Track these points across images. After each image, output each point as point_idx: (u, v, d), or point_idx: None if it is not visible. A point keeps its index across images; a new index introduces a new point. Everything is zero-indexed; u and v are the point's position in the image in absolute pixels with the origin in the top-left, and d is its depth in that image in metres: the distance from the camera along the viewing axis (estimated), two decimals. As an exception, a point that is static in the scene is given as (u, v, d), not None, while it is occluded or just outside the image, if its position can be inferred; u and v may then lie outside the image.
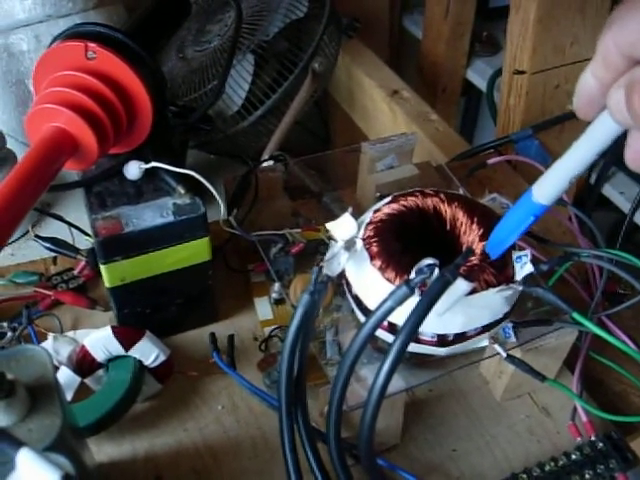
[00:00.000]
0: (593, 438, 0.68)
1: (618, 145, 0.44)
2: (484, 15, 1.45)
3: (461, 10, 1.36)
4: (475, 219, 0.65)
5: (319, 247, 0.76)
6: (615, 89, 0.38)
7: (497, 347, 0.64)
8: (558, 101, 1.07)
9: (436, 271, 0.54)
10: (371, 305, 0.62)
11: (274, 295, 0.79)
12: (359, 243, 0.62)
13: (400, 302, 0.53)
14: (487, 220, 0.64)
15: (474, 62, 1.45)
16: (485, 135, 1.62)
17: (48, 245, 0.80)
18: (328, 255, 0.61)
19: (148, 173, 0.69)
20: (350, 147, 0.85)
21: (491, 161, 0.95)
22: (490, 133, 1.24)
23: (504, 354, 0.64)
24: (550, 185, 0.50)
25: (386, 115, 1.19)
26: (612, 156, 1.15)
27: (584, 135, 0.45)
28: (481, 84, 1.41)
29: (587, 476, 0.65)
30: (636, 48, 0.36)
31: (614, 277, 0.81)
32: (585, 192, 1.23)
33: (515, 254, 0.61)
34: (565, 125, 1.09)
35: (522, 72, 1.02)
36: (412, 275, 0.54)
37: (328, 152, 0.89)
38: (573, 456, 0.66)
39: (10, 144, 1.09)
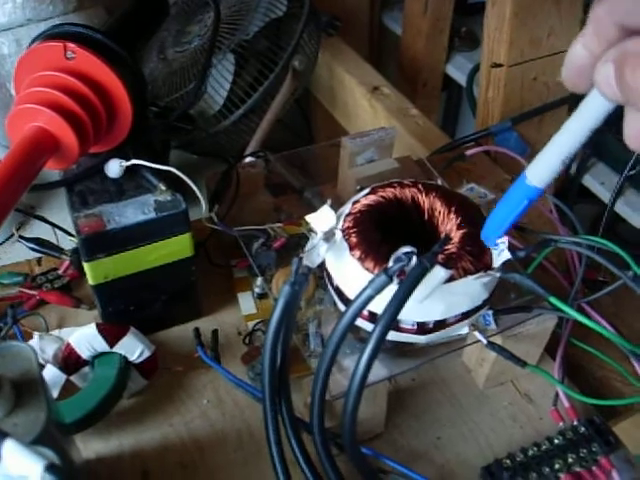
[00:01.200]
0: (575, 423, 0.69)
1: (597, 135, 0.44)
2: (463, 11, 1.46)
3: (440, 6, 1.37)
4: (453, 208, 0.65)
5: (301, 241, 0.76)
6: (603, 63, 0.36)
7: (477, 334, 0.65)
8: (536, 93, 1.08)
9: (414, 259, 0.54)
10: (352, 295, 0.62)
11: (257, 290, 0.79)
12: (338, 234, 0.63)
13: (379, 290, 0.54)
14: (465, 209, 0.65)
15: (454, 57, 1.46)
16: (466, 129, 1.63)
17: (32, 245, 0.81)
18: (308, 246, 0.62)
19: (129, 171, 0.70)
20: (330, 142, 0.86)
21: (469, 152, 0.96)
22: (471, 127, 1.25)
23: (485, 341, 0.65)
24: (543, 167, 0.50)
25: (367, 111, 1.20)
26: (591, 146, 1.16)
27: (575, 113, 0.44)
28: (461, 79, 1.42)
29: (570, 460, 0.66)
30: (630, 16, 0.35)
31: (594, 265, 0.82)
32: (566, 183, 1.24)
33: (493, 242, 0.62)
34: (544, 117, 1.10)
35: (500, 65, 1.03)
36: (390, 263, 0.55)
37: (308, 147, 0.90)
38: (556, 441, 0.67)
39: (-6, 149, 1.09)
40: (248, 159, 0.85)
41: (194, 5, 1.30)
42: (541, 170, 0.50)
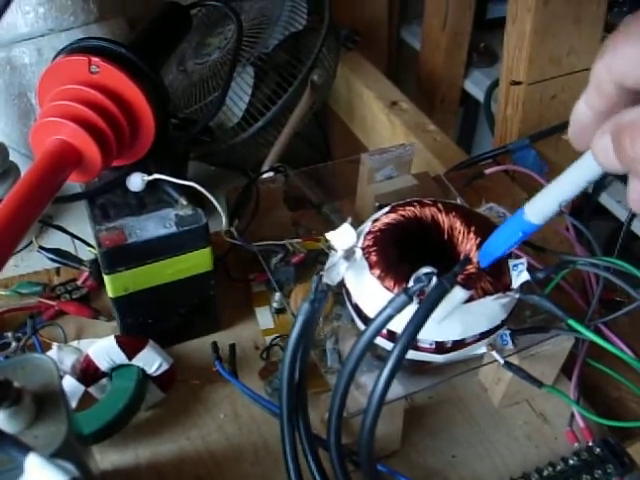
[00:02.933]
0: (590, 443, 0.69)
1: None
2: (481, 26, 1.46)
3: (459, 21, 1.38)
4: (472, 228, 0.66)
5: (319, 257, 0.77)
6: (599, 135, 0.37)
7: (495, 354, 0.65)
8: (555, 111, 1.08)
9: (434, 279, 0.55)
10: (370, 313, 0.63)
11: (275, 305, 0.80)
12: (358, 252, 0.63)
13: (399, 310, 0.54)
14: (484, 229, 0.66)
15: (472, 72, 1.46)
16: (483, 145, 1.63)
17: (52, 256, 0.81)
18: (328, 264, 0.62)
19: (150, 185, 0.71)
20: (349, 158, 0.87)
21: (488, 171, 0.96)
22: (488, 143, 1.25)
23: (502, 361, 0.65)
24: (540, 206, 0.51)
25: (385, 126, 1.21)
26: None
27: (577, 162, 0.45)
28: (479, 94, 1.42)
29: (585, 481, 0.66)
30: (628, 77, 0.35)
31: (610, 285, 0.82)
32: (582, 201, 1.24)
33: (511, 262, 0.62)
34: (562, 134, 1.10)
35: (519, 83, 1.03)
36: (410, 283, 0.55)
37: (328, 163, 0.90)
38: (571, 461, 0.67)
39: (13, 156, 1.10)
40: (267, 174, 0.86)
41: (214, 18, 1.31)
42: (538, 208, 0.51)
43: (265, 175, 0.87)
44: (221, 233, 0.76)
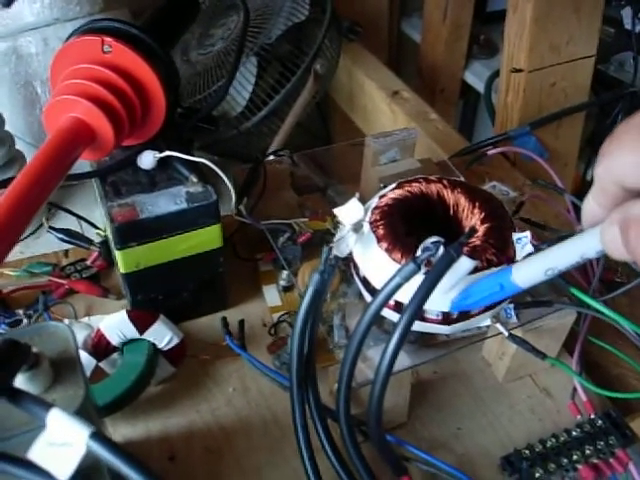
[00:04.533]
0: (593, 416, 0.70)
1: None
2: (481, 19, 1.48)
3: (459, 13, 1.39)
4: (477, 203, 0.67)
5: (325, 237, 0.78)
6: (608, 225, 0.37)
7: (499, 326, 0.66)
8: (555, 98, 1.09)
9: (441, 248, 0.56)
10: (378, 285, 0.64)
11: (282, 283, 0.81)
12: (366, 226, 0.65)
13: (407, 278, 0.55)
14: (488, 204, 0.67)
15: (472, 64, 1.48)
16: (483, 136, 1.62)
17: (62, 236, 0.83)
18: (337, 237, 0.63)
19: (161, 163, 0.72)
20: (352, 141, 0.88)
21: (491, 152, 0.98)
22: (488, 134, 1.25)
23: (506, 333, 0.67)
24: (528, 272, 0.51)
25: (386, 115, 1.22)
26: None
27: (575, 238, 0.45)
28: (479, 85, 1.44)
29: (587, 452, 0.67)
30: (625, 180, 0.36)
31: (611, 266, 0.83)
32: (584, 181, 1.25)
33: (515, 236, 0.63)
34: (562, 122, 1.11)
35: (519, 70, 1.05)
36: (418, 252, 0.57)
37: (332, 145, 0.92)
38: (574, 433, 0.69)
39: (18, 145, 1.11)
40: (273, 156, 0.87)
41: (218, 9, 1.32)
42: (525, 273, 0.51)
43: (272, 157, 0.88)
44: (229, 214, 0.78)
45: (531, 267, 0.50)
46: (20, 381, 0.48)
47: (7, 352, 0.47)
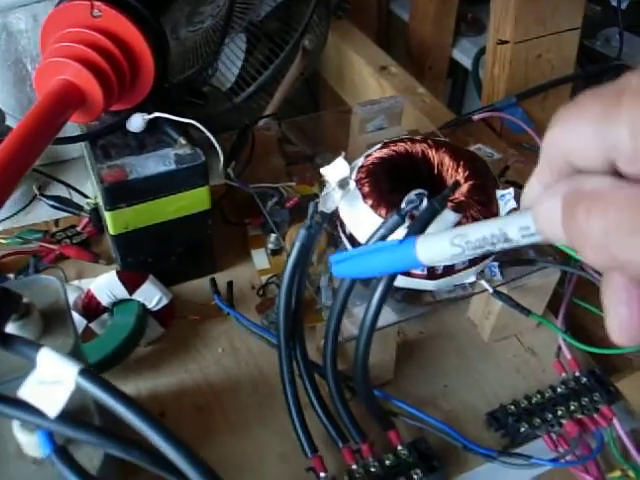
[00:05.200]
0: (577, 374, 0.71)
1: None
2: (469, -3, 1.49)
3: (447, -9, 1.40)
4: (461, 162, 0.68)
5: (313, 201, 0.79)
6: (548, 197, 0.30)
7: (484, 283, 0.68)
8: (540, 70, 1.10)
9: (425, 200, 0.57)
10: (364, 241, 0.65)
11: (270, 246, 0.82)
12: (352, 184, 0.66)
13: (392, 230, 0.56)
14: (472, 163, 0.68)
15: (459, 42, 1.48)
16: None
17: (53, 203, 0.84)
18: (323, 193, 0.64)
19: (150, 127, 0.73)
20: (339, 108, 0.89)
21: (477, 117, 0.99)
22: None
23: (491, 290, 0.68)
24: (433, 239, 0.39)
25: (374, 90, 1.23)
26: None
27: (500, 217, 0.35)
28: (466, 62, 1.45)
29: (572, 407, 0.68)
30: (577, 156, 0.30)
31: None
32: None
33: (499, 193, 0.64)
34: (548, 94, 1.12)
35: (505, 42, 1.06)
36: (402, 204, 0.58)
37: (319, 113, 0.93)
38: (559, 389, 0.70)
39: (8, 122, 1.11)
40: (263, 121, 0.88)
41: (207, -14, 1.33)
42: (430, 241, 0.39)
43: (261, 123, 0.89)
44: (218, 179, 0.79)
45: (438, 235, 0.38)
46: (10, 330, 0.49)
47: (-2, 300, 0.48)
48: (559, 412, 0.68)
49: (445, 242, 0.36)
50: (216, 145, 0.72)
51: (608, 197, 0.28)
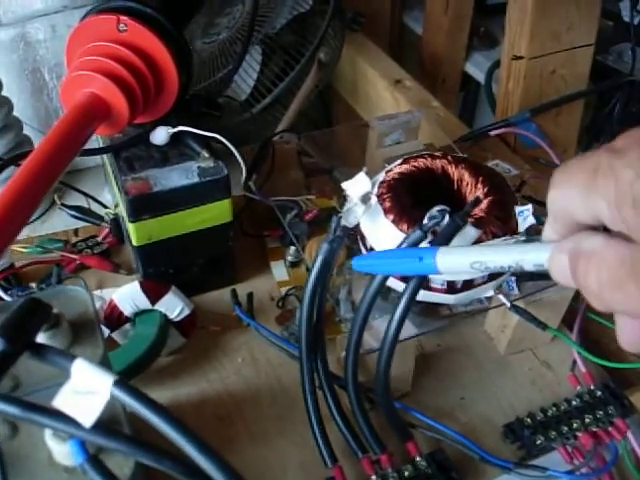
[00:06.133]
0: (592, 387, 0.72)
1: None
2: (482, 11, 1.50)
3: (460, 5, 1.41)
4: (480, 178, 0.69)
5: (331, 215, 0.80)
6: (557, 253, 0.36)
7: (502, 297, 0.68)
8: (555, 86, 1.11)
9: (447, 217, 0.58)
10: (386, 255, 0.66)
11: (289, 258, 0.83)
12: (373, 199, 0.67)
13: (414, 245, 0.57)
14: (491, 179, 0.69)
15: (472, 55, 1.49)
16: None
17: (74, 213, 0.85)
18: (345, 208, 0.65)
19: (173, 140, 0.74)
20: (358, 122, 0.91)
21: (493, 132, 1.00)
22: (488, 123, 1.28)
23: (508, 304, 0.69)
24: (454, 255, 0.44)
25: (389, 103, 1.23)
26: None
27: (522, 244, 0.41)
28: (479, 76, 1.46)
29: (587, 420, 0.69)
30: (574, 213, 0.34)
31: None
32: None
33: (518, 209, 0.65)
34: (561, 109, 1.13)
35: (520, 57, 1.06)
36: (425, 221, 0.59)
37: (337, 127, 0.94)
38: (574, 402, 0.71)
39: (26, 131, 1.13)
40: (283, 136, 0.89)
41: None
42: (450, 257, 0.44)
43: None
44: (239, 191, 0.80)
45: (459, 253, 0.44)
46: (40, 340, 0.50)
47: (30, 310, 0.48)
48: (574, 425, 0.69)
49: (465, 263, 0.42)
50: (239, 158, 0.73)
51: (600, 256, 0.33)
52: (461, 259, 0.43)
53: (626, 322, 0.37)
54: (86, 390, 0.44)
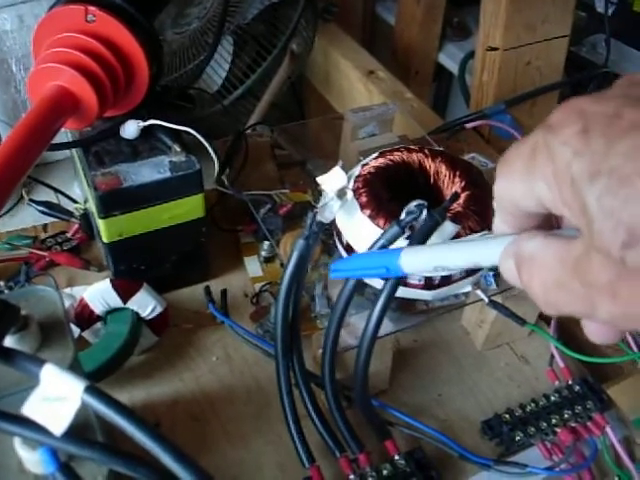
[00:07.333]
0: (570, 382, 0.72)
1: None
2: (455, 2, 1.49)
3: (433, -4, 1.41)
4: (457, 172, 0.68)
5: (306, 208, 0.79)
6: (505, 257, 0.35)
7: (479, 293, 0.68)
8: (530, 77, 1.11)
9: (424, 211, 0.57)
10: (362, 251, 0.65)
11: (263, 253, 0.82)
12: (349, 194, 0.65)
13: (391, 241, 0.56)
14: (469, 173, 0.68)
15: (445, 46, 1.49)
16: (456, 117, 1.66)
17: (42, 208, 0.83)
18: (320, 203, 0.64)
19: (144, 134, 0.72)
20: (331, 115, 0.89)
21: (469, 125, 0.99)
22: (461, 115, 1.27)
23: (486, 299, 0.68)
24: (416, 260, 0.44)
25: (362, 94, 1.22)
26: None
27: (477, 243, 0.40)
28: (452, 67, 1.45)
29: (566, 415, 0.69)
30: (519, 203, 0.33)
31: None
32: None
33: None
34: (536, 101, 1.13)
35: (495, 49, 1.06)
36: (402, 216, 0.58)
37: (311, 119, 0.93)
38: (552, 398, 0.70)
39: (-8, 123, 1.10)
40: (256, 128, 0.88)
41: (193, -12, 1.32)
42: (413, 261, 0.44)
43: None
44: (211, 186, 0.78)
45: (421, 257, 0.44)
46: (8, 343, 0.48)
47: (-3, 312, 0.47)
48: (553, 420, 0.68)
49: (429, 266, 0.42)
50: (211, 152, 0.72)
51: (539, 259, 0.32)
52: (423, 262, 0.43)
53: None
54: (56, 396, 0.42)
